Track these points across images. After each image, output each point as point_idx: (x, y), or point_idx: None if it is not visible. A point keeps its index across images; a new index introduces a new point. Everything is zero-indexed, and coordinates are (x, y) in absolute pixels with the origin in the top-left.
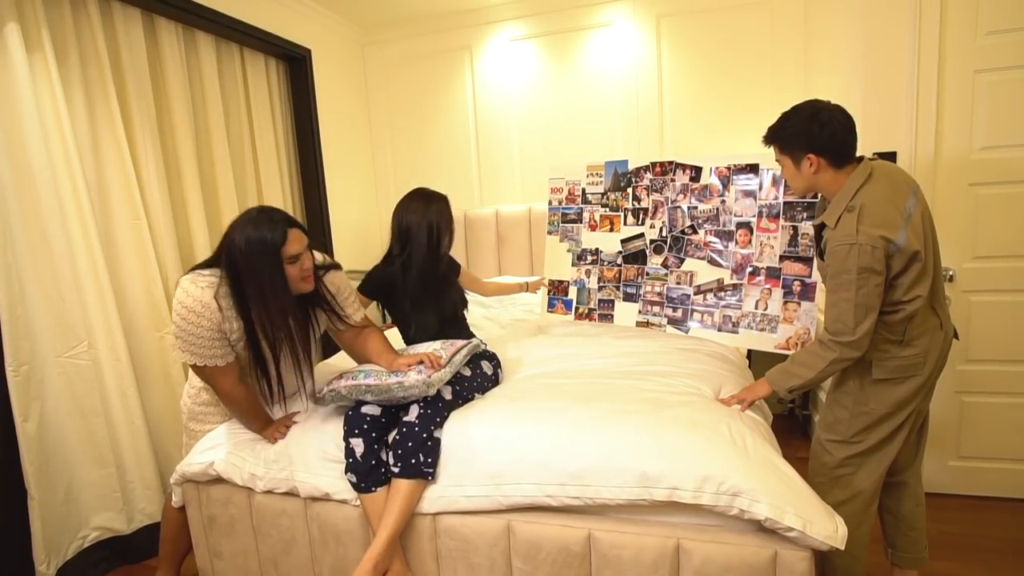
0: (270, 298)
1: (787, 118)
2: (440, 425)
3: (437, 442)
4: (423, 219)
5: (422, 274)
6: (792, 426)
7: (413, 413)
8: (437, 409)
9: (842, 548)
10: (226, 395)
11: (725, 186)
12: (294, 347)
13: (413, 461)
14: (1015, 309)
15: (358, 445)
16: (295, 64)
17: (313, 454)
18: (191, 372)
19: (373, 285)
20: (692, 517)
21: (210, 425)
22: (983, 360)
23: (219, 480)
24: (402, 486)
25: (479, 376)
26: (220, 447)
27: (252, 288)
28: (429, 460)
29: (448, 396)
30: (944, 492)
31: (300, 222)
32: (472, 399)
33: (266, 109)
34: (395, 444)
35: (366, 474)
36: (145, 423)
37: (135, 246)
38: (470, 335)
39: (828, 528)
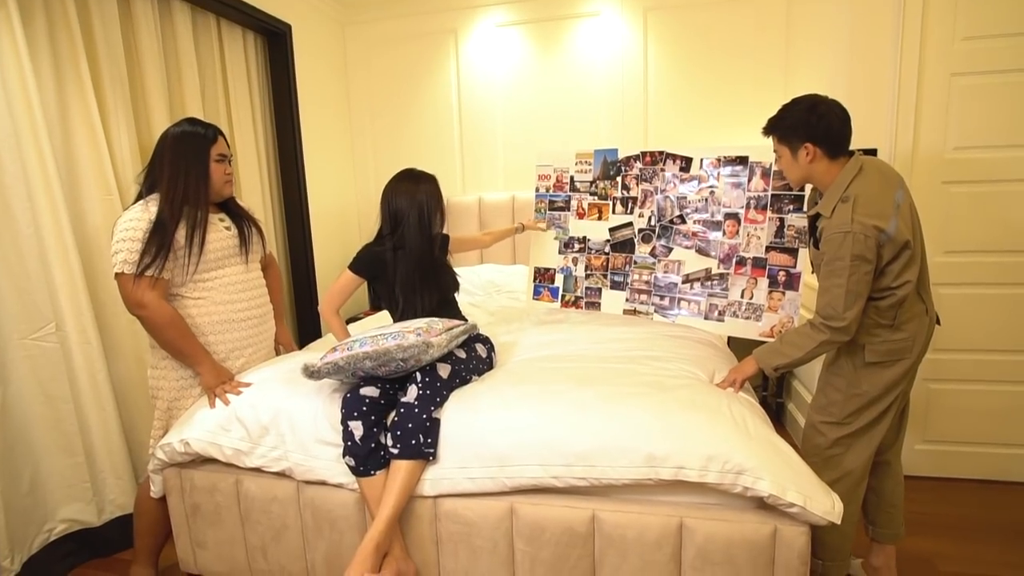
0: (191, 175)
1: (787, 109)
2: (439, 405)
3: (436, 422)
4: (412, 201)
5: (415, 258)
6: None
7: (412, 394)
8: (436, 389)
9: (839, 523)
10: (155, 311)
11: (714, 177)
12: (195, 219)
13: (413, 442)
14: (981, 301)
15: (357, 428)
16: (275, 39)
17: (308, 436)
18: (152, 357)
19: (364, 263)
20: (694, 496)
21: (192, 399)
22: (950, 349)
23: (202, 465)
24: (402, 467)
25: (474, 359)
26: (195, 424)
27: (172, 169)
28: (429, 440)
29: (445, 375)
30: (911, 474)
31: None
32: (469, 381)
33: (243, 84)
34: (394, 425)
35: (365, 457)
36: (117, 410)
37: (106, 223)
38: (462, 318)
39: (826, 504)
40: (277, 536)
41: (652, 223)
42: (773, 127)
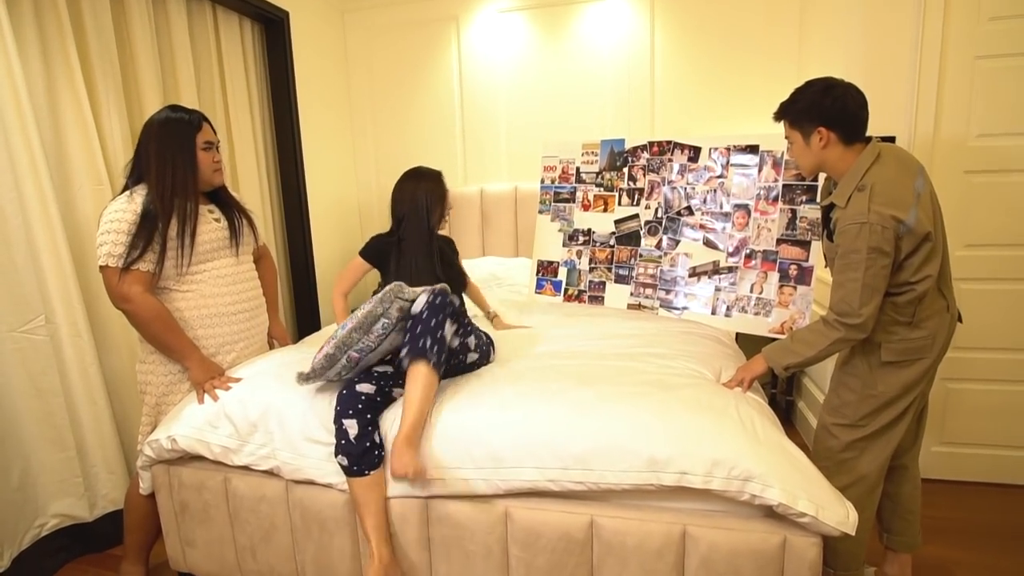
0: (179, 165)
1: (800, 91)
2: (450, 318)
3: (444, 339)
4: (412, 199)
5: (413, 250)
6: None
7: (420, 303)
8: (444, 300)
9: (853, 534)
10: (140, 305)
11: (724, 167)
12: (185, 212)
13: (420, 344)
14: (1003, 298)
15: (352, 426)
16: (272, 27)
17: (296, 433)
18: (141, 351)
19: (371, 249)
20: (698, 502)
21: (180, 395)
22: (970, 347)
23: (191, 462)
24: (419, 370)
25: (484, 344)
26: (183, 421)
27: (159, 159)
28: (435, 349)
29: (456, 302)
30: (927, 477)
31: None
32: (470, 334)
33: (240, 73)
34: (407, 333)
35: (359, 456)
36: (109, 403)
37: (97, 213)
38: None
39: (840, 514)
40: (266, 536)
41: (659, 215)
42: (784, 111)
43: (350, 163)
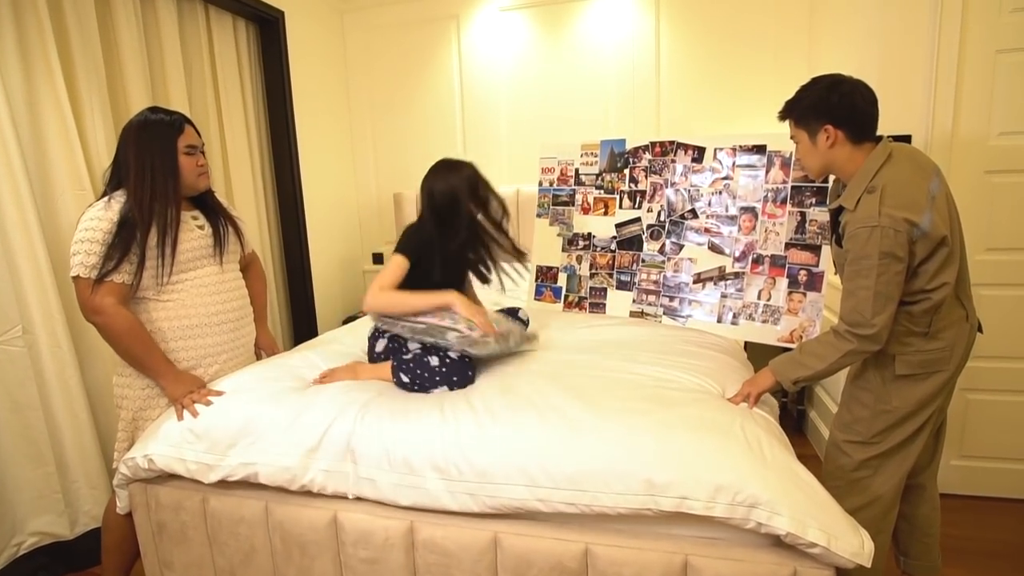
0: (159, 170)
1: (806, 89)
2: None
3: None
4: (452, 191)
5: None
6: (784, 422)
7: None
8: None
9: (868, 565)
10: (112, 318)
11: (729, 168)
12: (166, 219)
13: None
14: None
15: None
16: (267, 27)
17: (277, 441)
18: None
19: (415, 246)
20: (700, 530)
21: (158, 410)
22: (991, 356)
23: (168, 481)
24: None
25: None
26: (160, 439)
27: (138, 164)
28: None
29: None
30: (945, 492)
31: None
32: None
33: (234, 76)
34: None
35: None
36: (90, 416)
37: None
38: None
39: (854, 544)
40: (246, 560)
41: (662, 218)
42: (789, 109)
43: (349, 166)
